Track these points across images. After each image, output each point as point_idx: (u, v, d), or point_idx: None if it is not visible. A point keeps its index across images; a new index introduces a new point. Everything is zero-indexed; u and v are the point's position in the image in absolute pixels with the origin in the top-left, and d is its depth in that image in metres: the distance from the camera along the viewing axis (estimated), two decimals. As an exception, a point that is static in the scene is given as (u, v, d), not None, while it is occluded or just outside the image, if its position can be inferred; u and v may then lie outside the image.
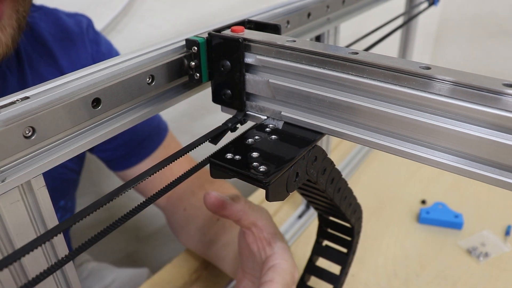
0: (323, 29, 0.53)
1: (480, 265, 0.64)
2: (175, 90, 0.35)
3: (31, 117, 0.24)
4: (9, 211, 0.25)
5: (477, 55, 1.41)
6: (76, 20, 0.62)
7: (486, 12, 1.33)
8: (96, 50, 0.62)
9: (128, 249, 1.12)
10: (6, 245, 0.26)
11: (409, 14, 0.82)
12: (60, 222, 0.23)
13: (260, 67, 0.33)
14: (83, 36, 0.61)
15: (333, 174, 0.35)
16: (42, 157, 0.26)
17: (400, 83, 0.27)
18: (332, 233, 0.48)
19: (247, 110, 0.35)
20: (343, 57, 0.29)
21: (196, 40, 0.33)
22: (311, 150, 0.30)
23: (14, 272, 0.26)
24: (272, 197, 0.27)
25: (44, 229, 0.28)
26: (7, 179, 0.24)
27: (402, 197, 0.79)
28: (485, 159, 0.25)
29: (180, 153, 0.29)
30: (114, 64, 0.30)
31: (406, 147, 0.28)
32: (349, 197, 0.40)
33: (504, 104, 0.24)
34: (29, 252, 0.21)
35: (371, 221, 0.73)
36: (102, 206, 0.24)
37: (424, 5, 0.79)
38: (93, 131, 0.29)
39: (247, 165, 0.27)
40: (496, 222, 0.72)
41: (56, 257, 0.29)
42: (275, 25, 0.36)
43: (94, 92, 0.28)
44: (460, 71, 0.25)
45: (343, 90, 0.30)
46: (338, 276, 0.47)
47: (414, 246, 0.68)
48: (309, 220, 0.74)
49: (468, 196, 0.78)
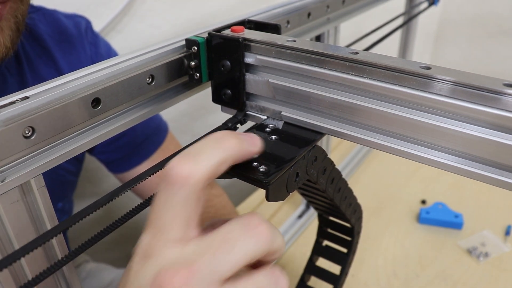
0: (323, 29, 0.53)
1: (480, 265, 0.64)
2: (175, 90, 0.35)
3: (31, 117, 0.24)
4: (9, 211, 0.25)
5: (477, 55, 1.41)
6: (74, 21, 0.62)
7: (486, 12, 1.33)
8: (95, 52, 0.62)
9: (127, 250, 1.12)
10: (5, 245, 0.25)
11: (409, 14, 0.82)
12: (60, 222, 0.23)
13: (260, 67, 0.33)
14: (82, 38, 0.61)
15: (333, 174, 0.35)
16: (42, 157, 0.26)
17: (400, 83, 0.27)
18: (332, 233, 0.48)
19: (247, 110, 0.35)
20: (343, 57, 0.29)
21: (196, 40, 0.33)
22: (311, 150, 0.30)
23: (14, 272, 0.26)
24: (272, 197, 0.27)
25: (44, 229, 0.28)
26: (6, 179, 0.24)
27: (402, 197, 0.79)
28: (485, 159, 0.25)
29: (179, 153, 0.29)
30: (114, 64, 0.30)
31: (406, 147, 0.28)
32: (349, 197, 0.40)
33: (504, 104, 0.23)
34: (28, 253, 0.21)
35: (371, 221, 0.73)
36: (102, 206, 0.24)
37: (424, 5, 0.79)
38: (93, 131, 0.29)
39: (247, 165, 0.27)
40: (496, 222, 0.72)
41: (55, 258, 0.29)
42: (275, 25, 0.36)
43: (94, 92, 0.28)
44: (460, 71, 0.25)
45: (343, 90, 0.30)
46: (338, 276, 0.47)
47: (414, 246, 0.68)
48: (309, 220, 0.74)
49: (468, 196, 0.78)
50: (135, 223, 1.22)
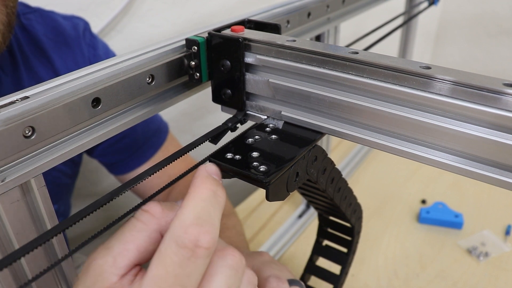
0: (323, 28, 0.53)
1: (480, 265, 0.64)
2: (175, 90, 0.35)
3: (31, 117, 0.24)
4: (9, 211, 0.25)
5: (477, 55, 1.41)
6: (72, 23, 0.62)
7: (486, 12, 1.33)
8: (93, 54, 0.62)
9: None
10: (5, 245, 0.26)
11: (409, 14, 0.82)
12: (60, 222, 0.23)
13: (260, 66, 0.33)
14: (79, 40, 0.61)
15: (333, 174, 0.35)
16: (42, 157, 0.26)
17: (400, 83, 0.27)
18: (332, 232, 0.48)
19: (247, 110, 0.35)
20: (343, 56, 0.29)
21: (196, 39, 0.33)
22: (311, 149, 0.30)
23: (14, 272, 0.26)
24: (272, 197, 0.27)
25: (44, 229, 0.28)
26: (6, 179, 0.24)
27: (402, 197, 0.79)
28: (485, 159, 0.25)
29: (179, 152, 0.29)
30: (114, 64, 0.30)
31: (406, 147, 0.28)
32: (349, 197, 0.40)
33: (504, 104, 0.23)
34: (28, 252, 0.21)
35: (371, 221, 0.73)
36: (101, 206, 0.24)
37: (424, 4, 0.79)
38: (93, 130, 0.29)
39: (247, 164, 0.27)
40: (496, 222, 0.72)
41: (55, 257, 0.29)
42: (275, 24, 0.36)
43: (94, 91, 0.28)
44: (460, 71, 0.25)
45: (343, 89, 0.30)
46: (338, 276, 0.47)
47: (414, 246, 0.68)
48: (309, 220, 0.74)
49: (468, 196, 0.78)
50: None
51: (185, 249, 0.22)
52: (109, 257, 0.23)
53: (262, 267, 0.37)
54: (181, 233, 0.22)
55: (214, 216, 0.24)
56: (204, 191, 0.24)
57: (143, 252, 0.24)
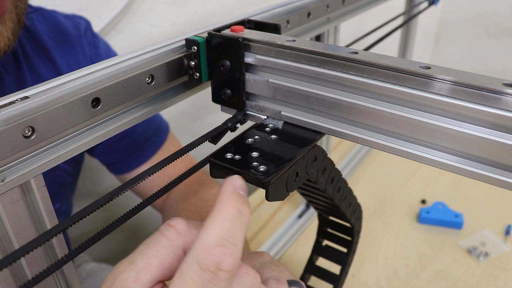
0: (323, 28, 0.53)
1: (480, 265, 0.64)
2: (174, 90, 0.35)
3: (31, 117, 0.24)
4: (9, 211, 0.25)
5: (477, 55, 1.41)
6: (74, 22, 0.62)
7: (486, 12, 1.33)
8: (94, 53, 0.62)
9: (128, 250, 1.12)
10: (5, 245, 0.26)
11: (409, 14, 0.82)
12: (60, 222, 0.23)
13: (260, 66, 0.33)
14: (81, 39, 0.61)
15: (333, 174, 0.35)
16: (42, 157, 0.26)
17: (400, 83, 0.27)
18: (332, 232, 0.48)
19: (247, 110, 0.35)
20: (343, 56, 0.29)
21: (196, 39, 0.33)
22: (311, 149, 0.30)
23: (14, 272, 0.26)
24: (272, 197, 0.27)
25: (44, 229, 0.28)
26: (6, 179, 0.24)
27: (402, 197, 0.79)
28: (485, 159, 0.25)
29: (179, 152, 0.29)
30: (114, 64, 0.30)
31: (406, 147, 0.28)
32: (349, 197, 0.40)
33: (504, 104, 0.23)
34: (28, 252, 0.21)
35: (371, 221, 0.73)
36: (102, 206, 0.24)
37: (424, 4, 0.79)
38: (93, 130, 0.29)
39: (247, 164, 0.27)
40: (496, 222, 0.72)
41: (55, 257, 0.29)
42: (275, 24, 0.36)
43: (93, 91, 0.28)
44: (460, 71, 0.25)
45: (343, 89, 0.30)
46: (338, 276, 0.47)
47: (414, 246, 0.68)
48: (309, 220, 0.74)
49: (468, 196, 0.78)
50: (135, 223, 1.22)
51: (207, 272, 0.22)
52: (132, 272, 0.23)
53: (262, 268, 0.37)
54: (204, 254, 0.22)
55: (238, 236, 0.23)
56: (229, 210, 0.23)
57: (166, 269, 0.24)
